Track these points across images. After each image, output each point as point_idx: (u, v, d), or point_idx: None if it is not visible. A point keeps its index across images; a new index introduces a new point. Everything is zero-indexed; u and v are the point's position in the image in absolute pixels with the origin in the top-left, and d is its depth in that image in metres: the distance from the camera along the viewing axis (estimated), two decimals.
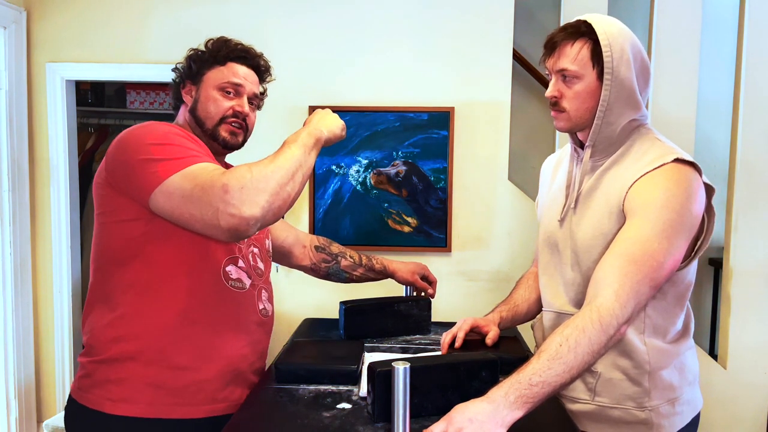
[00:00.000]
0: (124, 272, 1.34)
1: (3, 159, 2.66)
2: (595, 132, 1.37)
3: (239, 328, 1.42)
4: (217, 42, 1.50)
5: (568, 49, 1.34)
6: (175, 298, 1.34)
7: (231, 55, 1.48)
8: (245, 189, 1.17)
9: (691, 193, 1.28)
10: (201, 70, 1.48)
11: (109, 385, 1.33)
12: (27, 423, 2.80)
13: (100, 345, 1.36)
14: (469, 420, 1.03)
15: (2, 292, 2.69)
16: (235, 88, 1.47)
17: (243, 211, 1.17)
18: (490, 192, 2.68)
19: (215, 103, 1.45)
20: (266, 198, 1.19)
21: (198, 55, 1.49)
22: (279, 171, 1.23)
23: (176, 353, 1.34)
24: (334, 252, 1.89)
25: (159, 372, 1.33)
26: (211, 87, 1.46)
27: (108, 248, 1.37)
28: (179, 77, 1.52)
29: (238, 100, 1.48)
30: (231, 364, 1.40)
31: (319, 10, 2.67)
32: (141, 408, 1.32)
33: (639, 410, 1.37)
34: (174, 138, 1.30)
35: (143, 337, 1.33)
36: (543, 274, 1.54)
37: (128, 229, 1.33)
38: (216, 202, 1.17)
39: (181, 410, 1.34)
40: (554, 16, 2.96)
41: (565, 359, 1.11)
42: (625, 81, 1.32)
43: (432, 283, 1.94)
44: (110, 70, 2.75)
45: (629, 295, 1.19)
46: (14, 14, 2.68)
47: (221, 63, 1.47)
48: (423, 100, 2.64)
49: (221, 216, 1.17)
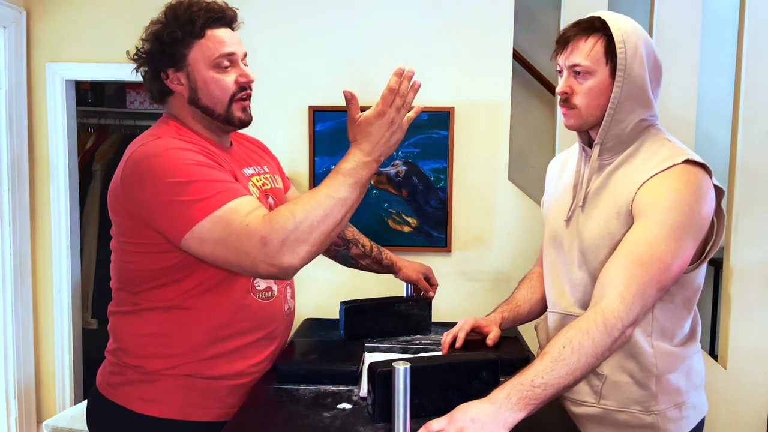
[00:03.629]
0: (153, 293, 1.31)
1: (3, 159, 2.66)
2: (604, 130, 1.35)
3: (269, 336, 1.42)
4: (182, 11, 1.31)
5: (581, 44, 1.33)
6: (206, 317, 1.31)
7: (206, 23, 1.30)
8: (286, 242, 1.12)
9: (701, 194, 1.26)
10: (180, 50, 1.30)
11: (142, 385, 1.32)
12: (27, 423, 2.80)
13: (131, 352, 1.34)
14: (471, 420, 1.02)
15: (2, 292, 2.69)
16: (228, 58, 1.32)
17: (283, 262, 1.13)
18: (490, 192, 2.68)
19: (217, 84, 1.32)
20: (307, 249, 1.14)
21: (169, 35, 1.30)
22: (327, 220, 1.15)
23: (209, 368, 1.33)
24: (348, 237, 1.79)
25: (192, 381, 1.33)
26: (203, 67, 1.31)
27: (136, 272, 1.32)
28: (153, 66, 1.34)
29: (236, 69, 1.34)
30: (261, 370, 1.41)
31: (320, 10, 2.66)
32: (173, 410, 1.31)
33: (645, 414, 1.35)
34: (195, 171, 1.20)
35: (175, 355, 1.32)
36: (548, 274, 1.53)
37: (157, 260, 1.28)
38: (254, 254, 1.13)
39: (211, 413, 1.34)
40: (554, 16, 2.96)
41: (568, 361, 1.10)
42: (637, 78, 1.31)
43: (433, 286, 1.94)
44: (110, 70, 2.75)
45: (635, 297, 1.18)
46: (14, 14, 2.67)
47: (199, 36, 1.30)
48: (423, 100, 2.63)
49: (260, 265, 1.14)
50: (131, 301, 1.34)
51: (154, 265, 1.29)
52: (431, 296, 1.92)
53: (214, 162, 1.28)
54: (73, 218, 2.87)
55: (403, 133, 1.21)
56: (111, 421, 1.37)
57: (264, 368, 1.42)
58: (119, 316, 1.38)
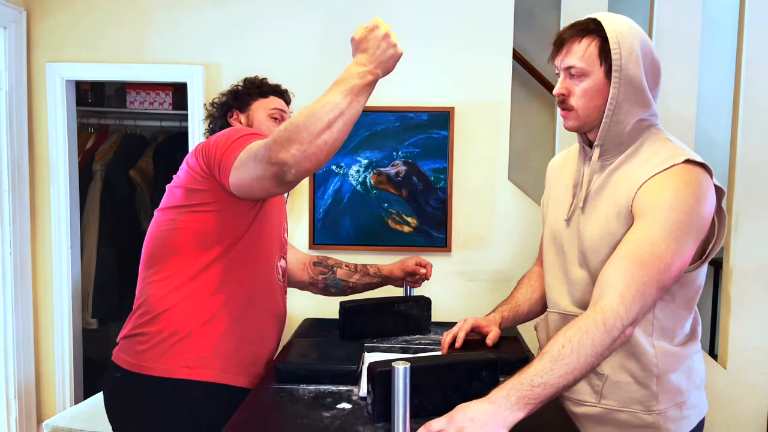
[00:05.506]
0: (201, 258, 1.48)
1: (3, 159, 2.66)
2: (603, 130, 1.35)
3: (278, 316, 1.64)
4: (255, 81, 1.81)
5: (575, 46, 1.33)
6: (243, 284, 1.52)
7: (272, 91, 1.80)
8: (279, 140, 1.25)
9: (701, 194, 1.26)
10: (248, 101, 1.76)
11: (185, 354, 1.46)
12: (27, 423, 2.80)
13: (173, 319, 1.48)
14: (470, 420, 1.02)
15: (2, 292, 2.69)
16: (281, 114, 1.77)
17: (279, 158, 1.24)
18: (490, 192, 2.68)
19: (267, 126, 1.73)
20: (298, 147, 1.23)
21: (244, 89, 1.78)
22: (313, 121, 1.24)
23: (242, 330, 1.51)
24: (330, 264, 1.99)
25: (228, 345, 1.49)
26: (261, 114, 1.75)
27: (186, 235, 1.50)
28: (222, 110, 1.78)
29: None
30: (274, 346, 1.62)
31: (319, 9, 2.67)
32: (214, 374, 1.47)
33: (646, 414, 1.35)
34: (247, 131, 1.46)
35: (217, 314, 1.48)
36: (548, 274, 1.53)
37: (206, 219, 1.48)
38: (260, 159, 1.28)
39: (242, 380, 1.51)
40: (554, 16, 2.96)
41: (567, 361, 1.10)
42: (633, 79, 1.31)
43: (425, 266, 1.96)
44: (110, 70, 2.75)
45: (635, 296, 1.18)
46: (14, 14, 2.67)
47: (265, 96, 1.78)
48: (423, 100, 2.64)
49: (266, 168, 1.27)
50: (178, 268, 1.50)
51: (203, 225, 1.48)
52: (426, 274, 1.95)
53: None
54: (73, 218, 2.87)
55: (397, 51, 1.34)
56: (151, 393, 1.47)
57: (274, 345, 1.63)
58: (162, 290, 1.50)
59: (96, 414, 2.22)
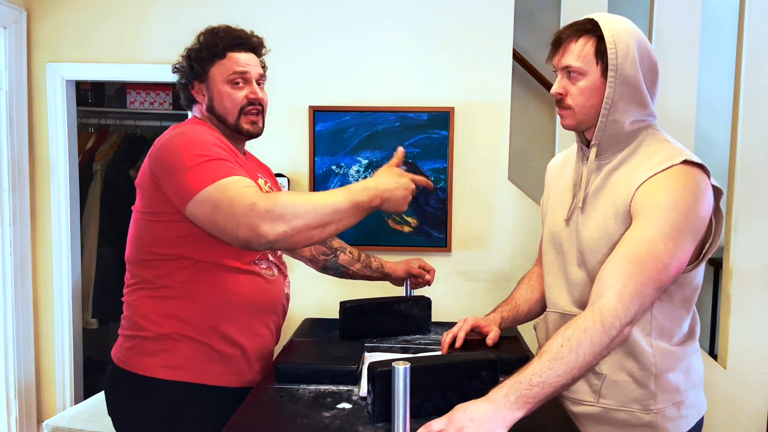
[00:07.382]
0: (169, 264, 1.45)
1: (3, 159, 2.66)
2: (600, 129, 1.36)
3: (271, 310, 1.56)
4: (211, 35, 1.54)
5: (572, 45, 1.35)
6: (217, 286, 1.46)
7: (228, 46, 1.53)
8: (270, 213, 1.23)
9: (699, 195, 1.27)
10: (204, 67, 1.53)
11: (164, 354, 1.45)
12: (27, 423, 2.80)
13: (151, 322, 1.46)
14: (470, 419, 1.02)
15: (2, 292, 2.70)
16: (242, 76, 1.53)
17: (260, 230, 1.23)
18: (490, 192, 2.68)
19: (229, 97, 1.52)
20: (285, 229, 1.23)
21: (196, 53, 1.54)
22: (311, 213, 1.25)
23: (222, 331, 1.47)
24: (335, 246, 1.92)
25: (208, 347, 1.46)
26: (219, 82, 1.52)
27: (153, 242, 1.47)
28: (184, 78, 1.57)
29: (248, 86, 1.54)
30: (263, 341, 1.55)
31: (320, 9, 2.67)
32: (194, 374, 1.45)
33: (644, 413, 1.36)
34: (211, 149, 1.37)
35: (192, 319, 1.45)
36: (547, 274, 1.53)
37: (173, 229, 1.42)
38: (239, 215, 1.24)
39: (225, 379, 1.48)
40: (554, 16, 2.96)
41: (566, 360, 1.11)
42: (629, 78, 1.32)
43: (429, 271, 1.95)
44: (110, 70, 2.75)
45: (633, 296, 1.19)
46: (14, 14, 2.68)
47: (221, 56, 1.52)
48: (423, 100, 2.64)
49: (240, 228, 1.24)
50: (151, 274, 1.47)
51: (169, 233, 1.43)
52: (429, 279, 1.92)
53: (228, 152, 1.43)
54: (73, 218, 2.87)
55: (407, 204, 1.37)
56: (136, 391, 1.47)
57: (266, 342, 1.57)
58: (139, 293, 1.49)
59: (96, 414, 2.22)
